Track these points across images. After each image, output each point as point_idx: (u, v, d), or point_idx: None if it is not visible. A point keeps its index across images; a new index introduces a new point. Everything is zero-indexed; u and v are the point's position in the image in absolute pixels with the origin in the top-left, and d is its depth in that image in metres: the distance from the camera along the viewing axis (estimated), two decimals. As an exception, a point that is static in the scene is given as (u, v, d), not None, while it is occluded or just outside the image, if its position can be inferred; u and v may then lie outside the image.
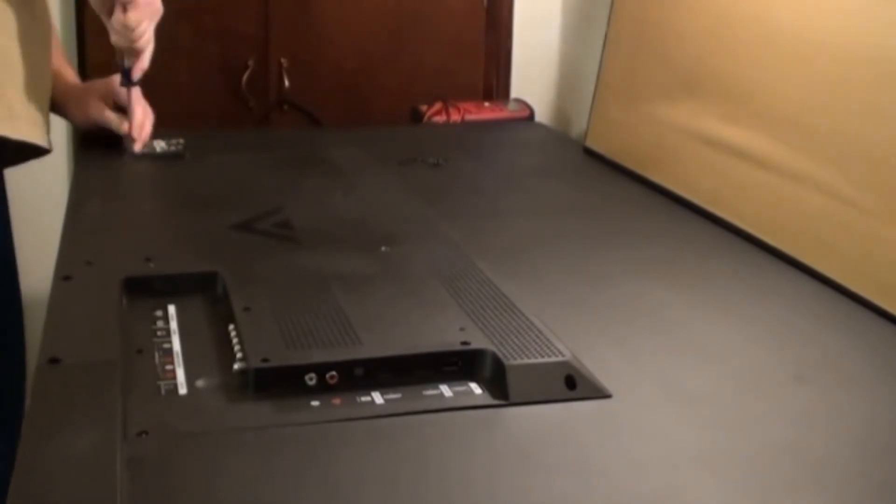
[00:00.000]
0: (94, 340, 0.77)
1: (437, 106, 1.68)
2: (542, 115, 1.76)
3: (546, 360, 0.75)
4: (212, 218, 1.07)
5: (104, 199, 1.13)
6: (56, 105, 1.31)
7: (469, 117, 1.68)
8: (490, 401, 0.72)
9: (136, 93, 1.33)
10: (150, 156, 1.33)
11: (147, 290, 0.88)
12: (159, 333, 0.81)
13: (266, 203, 1.13)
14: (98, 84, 1.35)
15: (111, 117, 1.33)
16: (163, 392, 0.72)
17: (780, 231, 1.06)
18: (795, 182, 1.05)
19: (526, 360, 0.75)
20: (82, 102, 1.34)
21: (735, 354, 0.82)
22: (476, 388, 0.74)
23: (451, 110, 1.68)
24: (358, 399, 0.72)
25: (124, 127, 1.32)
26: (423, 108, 1.69)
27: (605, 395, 0.73)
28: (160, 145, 1.36)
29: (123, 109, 1.33)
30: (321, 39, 1.74)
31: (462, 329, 0.79)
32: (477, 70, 1.83)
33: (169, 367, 0.75)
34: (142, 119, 1.34)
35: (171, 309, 0.85)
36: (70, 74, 1.38)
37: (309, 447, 0.66)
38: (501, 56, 1.82)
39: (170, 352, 0.78)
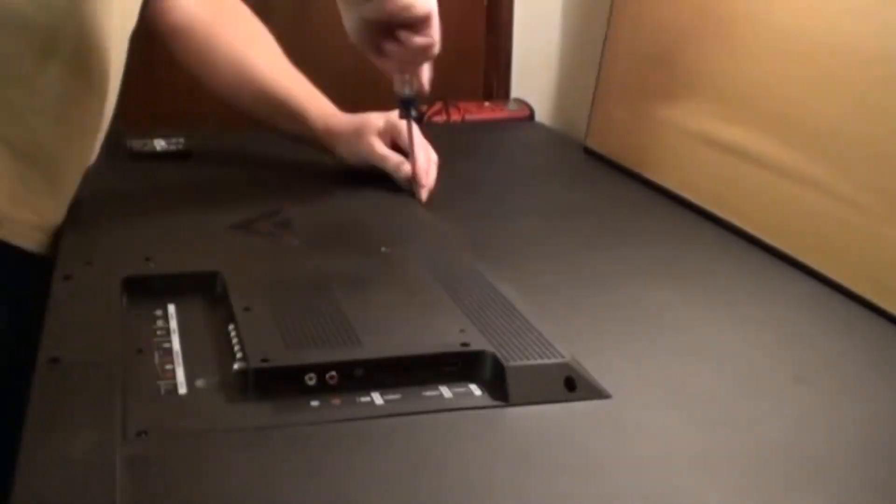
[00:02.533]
0: (94, 340, 0.77)
1: (437, 106, 1.68)
2: (542, 115, 1.76)
3: (546, 361, 0.75)
4: (212, 218, 1.07)
5: (104, 198, 1.13)
6: (315, 141, 1.23)
7: (469, 117, 1.68)
8: (490, 402, 0.72)
9: (417, 128, 1.16)
10: (150, 155, 1.33)
11: (147, 290, 0.88)
12: (159, 333, 0.81)
13: (266, 203, 1.13)
14: (373, 118, 1.20)
15: (390, 157, 1.18)
16: (162, 392, 0.72)
17: (780, 231, 1.06)
18: (795, 182, 1.05)
19: (526, 362, 0.75)
20: (353, 141, 1.21)
21: (735, 354, 0.82)
22: (476, 390, 0.74)
23: (451, 110, 1.68)
24: (358, 399, 0.72)
25: (405, 169, 1.16)
26: (423, 108, 1.69)
27: (604, 396, 0.73)
28: (160, 144, 1.36)
29: (403, 150, 1.18)
30: (321, 39, 1.74)
31: (462, 330, 0.79)
32: (477, 70, 1.83)
33: (169, 367, 0.75)
34: (425, 161, 1.17)
35: (171, 309, 0.86)
36: (320, 101, 1.24)
37: (309, 447, 0.66)
38: (501, 56, 1.82)
39: (170, 352, 0.78)
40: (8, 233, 0.99)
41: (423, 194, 1.16)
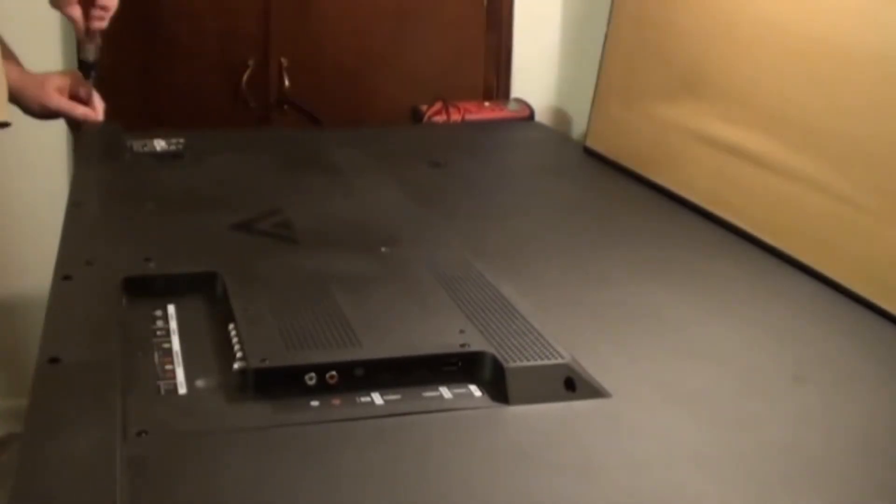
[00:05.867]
0: (94, 340, 0.77)
1: (437, 106, 1.68)
2: (542, 115, 1.76)
3: (546, 362, 0.75)
4: (212, 218, 1.07)
5: (104, 199, 1.13)
6: (10, 94, 1.33)
7: (469, 117, 1.68)
8: (490, 403, 0.72)
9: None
10: (150, 155, 1.33)
11: (147, 290, 0.88)
12: (159, 333, 0.81)
13: (266, 203, 1.13)
14: (55, 76, 1.41)
15: (74, 107, 1.40)
16: (162, 392, 0.72)
17: (780, 231, 1.06)
18: (795, 182, 1.05)
19: (525, 363, 0.75)
20: (40, 93, 1.38)
21: (734, 354, 0.82)
22: (476, 391, 0.74)
23: (451, 110, 1.68)
24: (357, 400, 0.72)
25: (81, 111, 1.40)
26: (423, 108, 1.69)
27: (604, 396, 0.73)
28: (160, 145, 1.36)
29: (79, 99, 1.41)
30: (321, 39, 1.74)
31: (461, 331, 0.79)
32: (477, 70, 1.83)
33: (169, 367, 0.75)
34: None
35: (171, 309, 0.85)
36: (15, 64, 1.40)
37: (309, 447, 0.66)
38: (501, 56, 1.82)
39: (169, 352, 0.78)
40: None
41: (101, 116, 1.41)
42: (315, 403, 0.71)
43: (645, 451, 0.66)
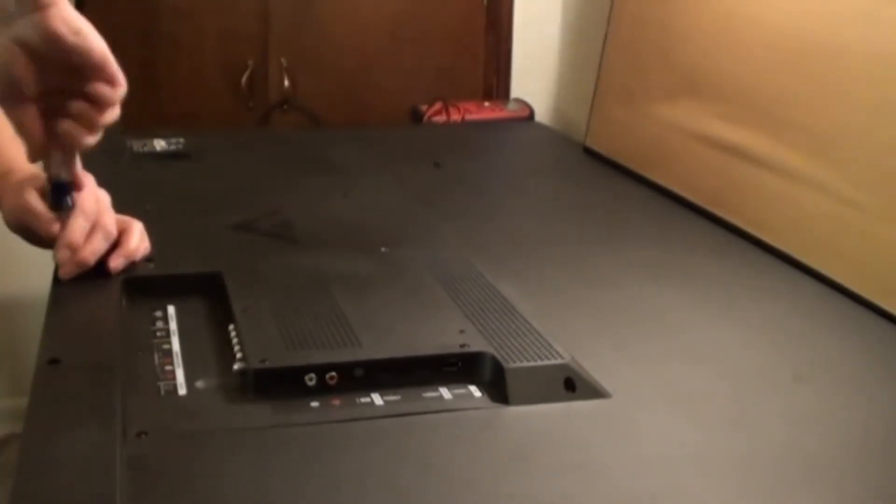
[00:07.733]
0: (94, 340, 0.77)
1: (437, 106, 1.68)
2: (542, 115, 1.76)
3: (545, 362, 0.75)
4: (212, 218, 1.07)
5: (104, 199, 1.13)
6: None
7: (469, 117, 1.68)
8: (489, 404, 0.72)
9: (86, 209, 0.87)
10: (150, 155, 1.33)
11: (147, 290, 0.88)
12: (159, 334, 0.81)
13: (266, 203, 1.13)
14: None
15: (41, 212, 0.87)
16: (162, 392, 0.72)
17: (780, 231, 1.06)
18: (795, 182, 1.05)
19: (525, 363, 0.75)
20: (17, 191, 0.89)
21: (734, 354, 0.82)
22: (475, 391, 0.74)
23: (451, 110, 1.68)
24: (357, 400, 0.72)
25: (54, 229, 0.86)
26: (423, 108, 1.69)
27: (604, 396, 0.73)
28: (160, 145, 1.36)
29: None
30: (321, 39, 1.74)
31: (461, 331, 0.79)
32: (477, 70, 1.83)
33: (168, 367, 0.76)
34: (82, 229, 0.86)
35: (171, 309, 0.86)
36: (15, 156, 0.91)
37: (309, 447, 0.66)
38: (501, 56, 1.82)
39: (169, 352, 0.78)
40: None
41: (65, 261, 0.86)
42: (315, 404, 0.71)
43: (645, 451, 0.66)
